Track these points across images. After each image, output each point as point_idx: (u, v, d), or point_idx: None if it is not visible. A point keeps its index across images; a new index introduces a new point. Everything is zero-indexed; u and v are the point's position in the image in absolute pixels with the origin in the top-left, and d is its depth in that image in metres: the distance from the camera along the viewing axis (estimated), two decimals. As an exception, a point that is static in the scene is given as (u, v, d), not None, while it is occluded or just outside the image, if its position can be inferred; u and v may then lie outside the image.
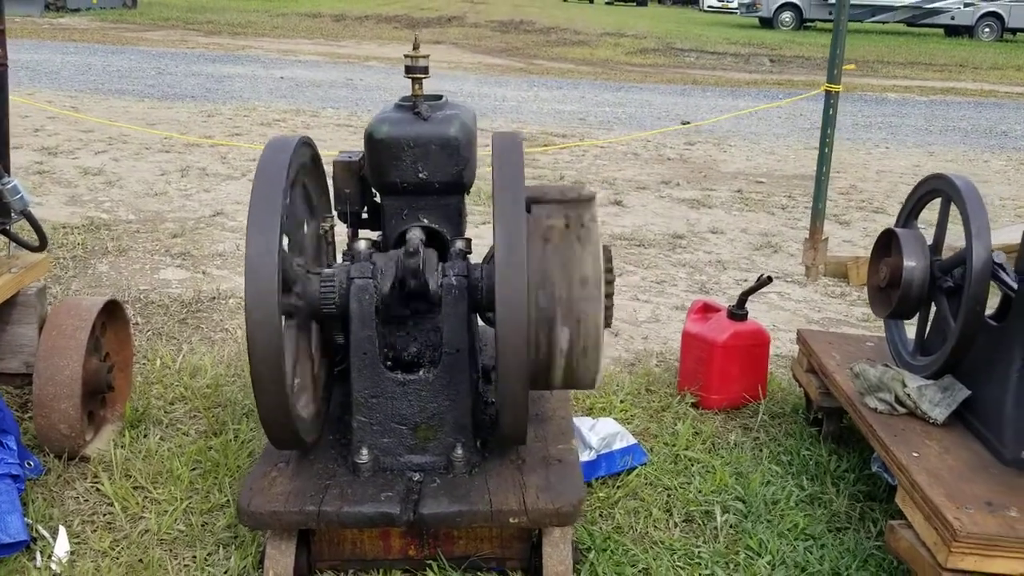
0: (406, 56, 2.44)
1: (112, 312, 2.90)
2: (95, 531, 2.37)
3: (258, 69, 12.41)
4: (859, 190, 7.32)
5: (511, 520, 2.02)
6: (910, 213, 2.83)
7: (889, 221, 6.08)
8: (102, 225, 5.26)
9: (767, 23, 28.37)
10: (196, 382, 3.22)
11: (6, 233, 2.69)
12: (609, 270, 2.12)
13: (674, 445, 2.95)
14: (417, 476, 2.14)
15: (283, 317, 1.95)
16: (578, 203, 2.06)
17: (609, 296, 2.15)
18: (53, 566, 2.21)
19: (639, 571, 2.30)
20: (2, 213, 2.59)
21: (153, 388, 3.18)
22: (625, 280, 4.80)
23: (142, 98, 9.45)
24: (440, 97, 2.58)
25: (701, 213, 6.30)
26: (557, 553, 2.12)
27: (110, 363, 2.85)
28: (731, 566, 2.34)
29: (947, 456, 2.34)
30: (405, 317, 2.24)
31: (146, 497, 2.53)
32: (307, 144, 2.23)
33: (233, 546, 2.31)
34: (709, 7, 40.72)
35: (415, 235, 2.21)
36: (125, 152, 7.04)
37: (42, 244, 2.71)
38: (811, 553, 2.38)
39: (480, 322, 2.42)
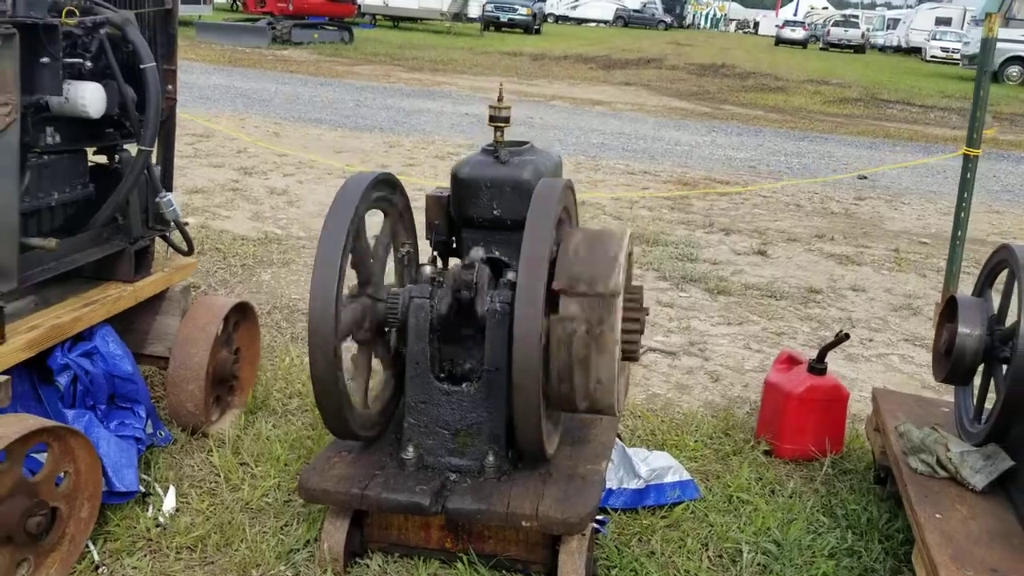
0: (490, 107, 2.78)
1: (244, 312, 3.40)
2: (199, 494, 2.83)
3: (447, 105, 13.26)
4: (1033, 258, 6.96)
5: (523, 523, 2.29)
6: (984, 282, 2.87)
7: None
8: (275, 239, 5.93)
9: (993, 77, 26.88)
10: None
11: (164, 238, 3.24)
12: (640, 307, 2.36)
13: (732, 486, 3.09)
14: (454, 476, 2.44)
15: (346, 336, 2.35)
16: (601, 299, 2.26)
17: (639, 331, 2.39)
18: (160, 518, 2.68)
19: (653, 588, 2.49)
20: (161, 222, 3.13)
21: (277, 383, 3.67)
22: (744, 329, 4.91)
23: (336, 127, 10.39)
24: (525, 143, 2.90)
25: (847, 270, 6.26)
26: (572, 562, 2.36)
27: (238, 356, 3.35)
28: (745, 601, 2.49)
29: (971, 521, 2.39)
30: (465, 337, 2.56)
31: (247, 472, 2.98)
32: (384, 182, 2.60)
33: (306, 521, 2.70)
34: (932, 57, 38.93)
35: (476, 253, 2.53)
36: (309, 176, 7.82)
37: (190, 250, 3.25)
38: (827, 600, 2.49)
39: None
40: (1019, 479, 2.50)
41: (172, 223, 3.12)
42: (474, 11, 34.72)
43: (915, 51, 44.07)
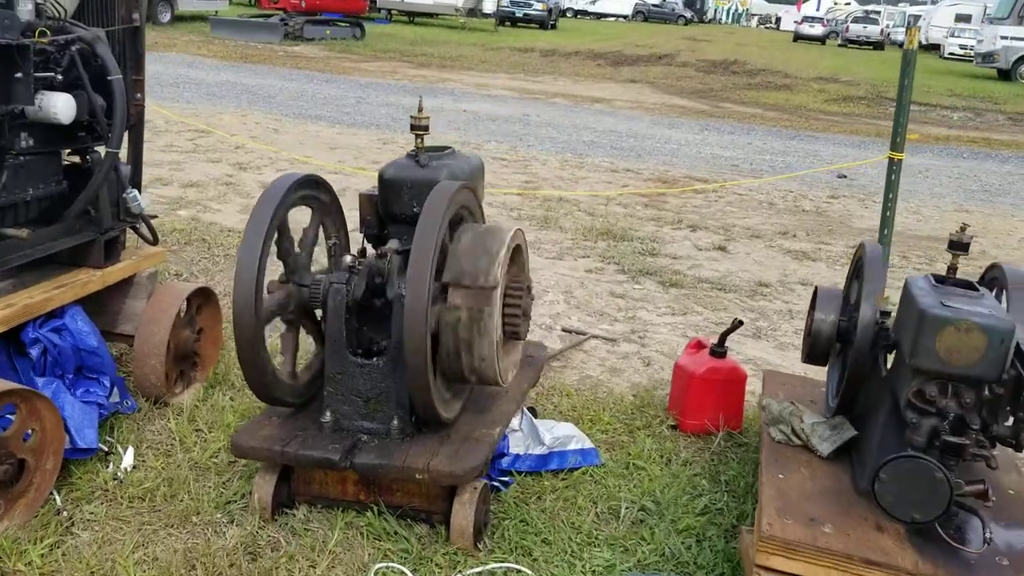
0: (412, 116, 3.16)
1: (207, 296, 3.80)
2: (155, 454, 3.24)
3: (447, 102, 13.64)
4: (988, 256, 7.26)
5: (417, 476, 2.68)
6: (852, 274, 3.22)
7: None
8: (259, 232, 6.33)
9: (1005, 75, 26.94)
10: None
11: (134, 229, 3.64)
12: (524, 293, 2.74)
13: (632, 455, 3.47)
14: (365, 437, 2.83)
15: (270, 319, 2.75)
16: (482, 291, 2.64)
17: (523, 315, 2.77)
18: (118, 473, 3.09)
19: (540, 540, 2.87)
20: (130, 215, 3.54)
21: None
22: (687, 319, 5.27)
23: (334, 124, 10.81)
24: (447, 148, 3.28)
25: (802, 265, 6.59)
26: (463, 511, 2.74)
27: (200, 335, 3.75)
28: (617, 548, 2.86)
29: (809, 482, 2.75)
30: (378, 317, 2.94)
31: (200, 436, 3.38)
32: (310, 182, 2.99)
33: (244, 478, 3.09)
34: (950, 54, 38.90)
35: (391, 245, 2.91)
36: (301, 171, 8.22)
37: (155, 240, 3.65)
38: (686, 546, 2.86)
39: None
40: (859, 447, 2.85)
41: (139, 216, 3.52)
42: (489, 6, 35.04)
43: (935, 48, 43.98)
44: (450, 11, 32.72)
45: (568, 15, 57.26)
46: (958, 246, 2.73)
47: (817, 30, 48.36)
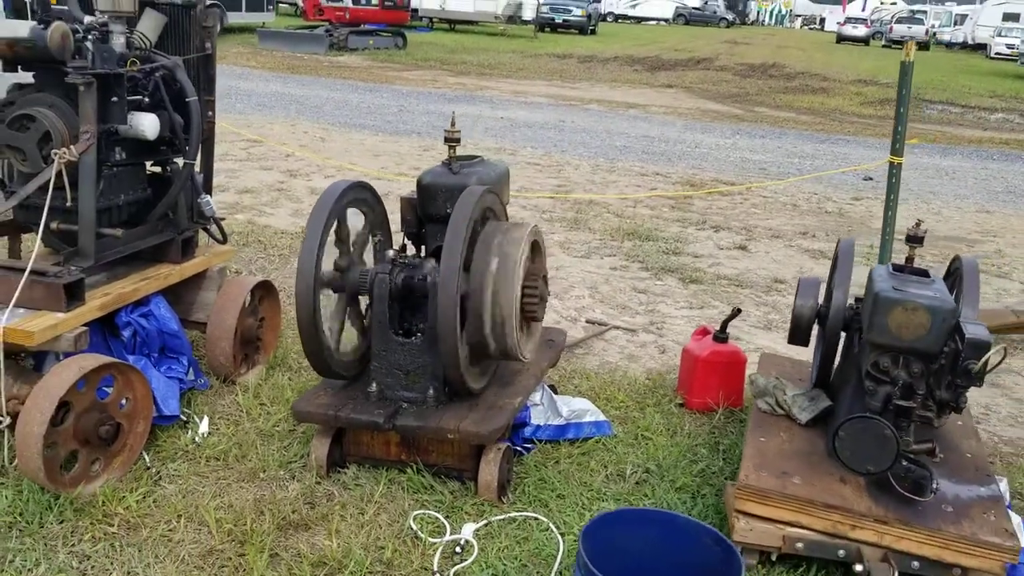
0: (445, 130, 3.67)
1: (268, 289, 4.34)
2: (226, 424, 3.77)
3: (485, 109, 14.17)
4: (1003, 255, 7.59)
5: (448, 435, 3.17)
6: (834, 265, 3.65)
7: (1010, 286, 6.50)
8: (309, 234, 6.90)
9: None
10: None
11: (206, 230, 4.19)
12: (540, 282, 3.23)
13: (641, 427, 3.93)
14: (405, 404, 3.33)
15: (330, 292, 3.25)
16: (506, 260, 3.15)
17: (539, 299, 3.26)
18: (196, 438, 3.62)
19: (555, 495, 3.34)
20: (202, 218, 4.08)
21: (295, 347, 4.58)
22: (704, 312, 5.70)
23: (377, 132, 11.38)
24: (476, 157, 3.78)
25: (818, 264, 6.98)
26: (489, 468, 3.23)
27: (262, 323, 4.29)
28: (622, 502, 3.33)
29: (787, 444, 3.19)
30: (418, 302, 3.44)
31: (264, 409, 3.91)
32: (359, 187, 3.50)
33: (303, 442, 3.61)
34: (997, 54, 38.63)
35: (432, 243, 3.42)
36: (348, 178, 8.79)
37: (224, 239, 4.20)
38: (682, 500, 3.31)
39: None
40: (833, 415, 3.29)
41: (210, 218, 4.07)
42: (528, 13, 35.58)
43: (981, 48, 43.60)
44: (490, 19, 33.30)
45: (608, 20, 57.64)
46: (914, 239, 3.16)
47: (860, 31, 48.20)
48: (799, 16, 78.89)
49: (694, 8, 61.79)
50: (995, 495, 2.96)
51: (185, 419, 3.73)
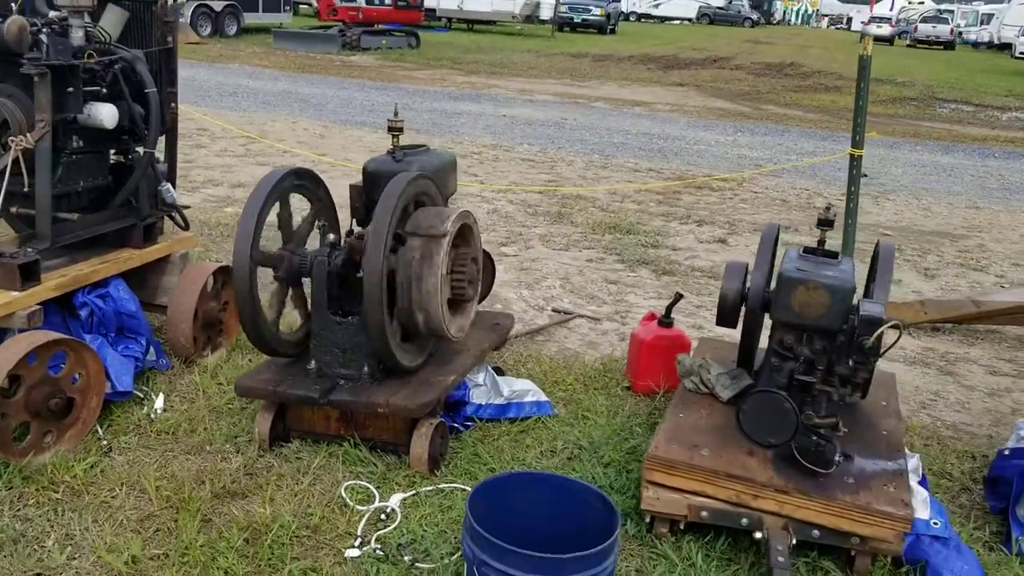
0: (389, 120, 3.83)
1: (229, 274, 4.51)
2: (181, 401, 3.95)
3: (488, 107, 14.34)
4: (984, 249, 7.63)
5: (379, 409, 3.32)
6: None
7: (984, 279, 6.57)
8: (295, 226, 7.08)
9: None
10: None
11: (171, 217, 4.38)
12: (467, 260, 3.38)
13: (584, 408, 4.06)
14: (342, 381, 3.49)
15: (269, 273, 3.42)
16: (432, 239, 3.29)
17: (468, 280, 3.41)
18: (151, 414, 3.80)
19: (487, 468, 3.49)
20: (164, 205, 4.27)
21: (260, 332, 4.77)
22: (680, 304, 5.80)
23: (377, 129, 11.56)
24: (422, 146, 3.94)
25: (796, 256, 7.05)
26: (420, 442, 3.38)
27: (225, 307, 4.46)
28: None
29: (704, 419, 3.32)
30: (355, 284, 3.59)
31: (221, 388, 4.08)
32: (300, 173, 3.66)
33: (251, 418, 3.78)
34: (1021, 53, 38.28)
35: (368, 229, 3.57)
36: (336, 175, 8.98)
37: (186, 226, 4.38)
38: (606, 475, 3.45)
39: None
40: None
41: (172, 206, 4.25)
42: (546, 13, 35.75)
43: (1006, 47, 43.18)
44: (507, 18, 33.52)
45: (631, 19, 57.67)
46: (824, 223, 3.27)
47: (884, 30, 47.88)
48: (825, 15, 78.42)
49: (718, 8, 61.67)
50: (899, 469, 3.07)
51: (142, 396, 3.91)
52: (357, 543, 3.00)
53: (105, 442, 3.56)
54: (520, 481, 2.59)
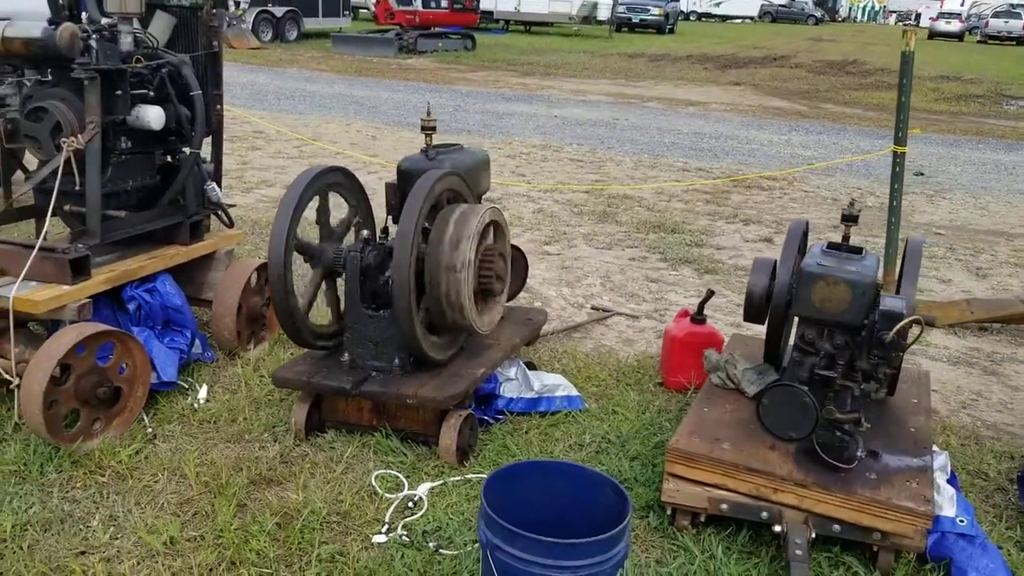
0: (421, 119, 3.93)
1: (274, 271, 4.66)
2: (224, 392, 4.10)
3: (541, 108, 14.41)
4: (1042, 249, 7.46)
5: (408, 400, 3.42)
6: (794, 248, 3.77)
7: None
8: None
9: None
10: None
11: (216, 215, 4.54)
12: (495, 255, 3.46)
13: (615, 403, 4.11)
14: (374, 373, 3.60)
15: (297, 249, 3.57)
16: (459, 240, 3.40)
17: (495, 276, 3.49)
18: (195, 404, 3.96)
19: (513, 460, 3.56)
20: (210, 204, 4.43)
21: (303, 327, 4.91)
22: (712, 301, 5.80)
23: (429, 131, 11.71)
24: (456, 145, 4.03)
25: (844, 255, 6.99)
26: (449, 433, 3.47)
27: (268, 302, 4.61)
28: (575, 468, 3.52)
29: (729, 413, 3.35)
30: (388, 279, 3.70)
31: (262, 380, 4.22)
32: (336, 171, 3.78)
33: (288, 408, 3.91)
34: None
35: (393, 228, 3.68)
36: (385, 174, 9.15)
37: (231, 224, 4.55)
38: (632, 468, 3.50)
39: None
40: (779, 388, 3.42)
41: (217, 204, 4.42)
42: (604, 13, 35.69)
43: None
44: (564, 19, 33.53)
45: (691, 19, 57.25)
46: (849, 219, 3.27)
47: (953, 26, 46.80)
48: (892, 12, 76.80)
49: (780, 5, 60.85)
50: (924, 466, 3.06)
51: (186, 386, 4.08)
52: (384, 529, 3.10)
53: (150, 430, 3.73)
54: (536, 469, 2.66)
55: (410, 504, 3.25)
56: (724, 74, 22.30)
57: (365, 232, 3.75)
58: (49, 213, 3.73)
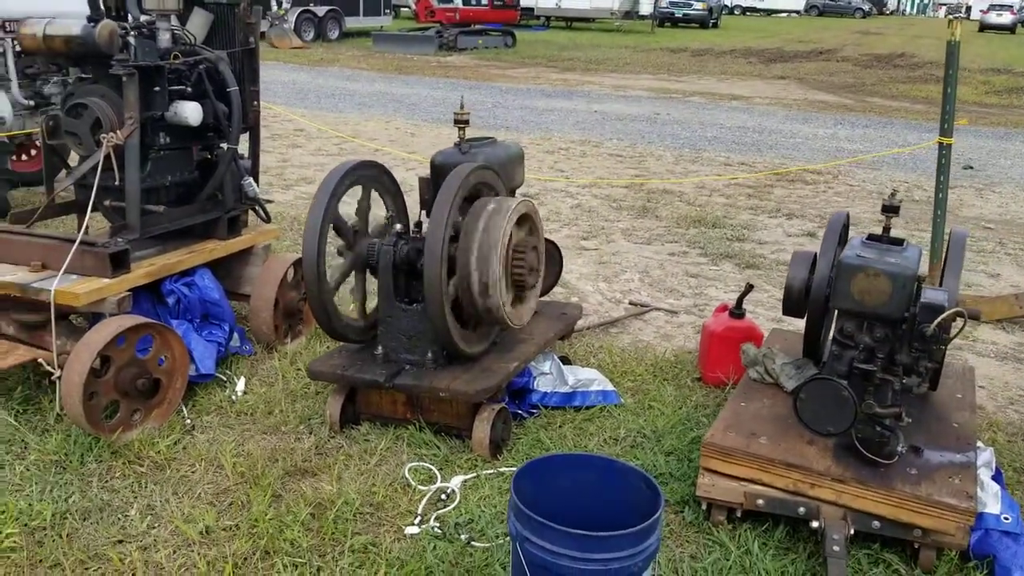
0: (455, 113, 3.93)
1: (311, 266, 4.70)
2: (261, 384, 4.14)
3: (580, 103, 14.37)
4: (1097, 242, 7.27)
5: (440, 394, 3.43)
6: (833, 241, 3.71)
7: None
8: (381, 222, 7.30)
9: None
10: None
11: (253, 210, 4.59)
12: (528, 248, 3.46)
13: (651, 398, 4.08)
14: (407, 366, 3.61)
15: (342, 260, 3.58)
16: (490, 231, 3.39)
17: (531, 270, 3.48)
18: (232, 396, 4.01)
19: (544, 450, 3.55)
20: (248, 199, 4.48)
21: (340, 321, 4.95)
22: (753, 296, 5.74)
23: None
24: (489, 138, 4.03)
25: (889, 250, 6.87)
26: (482, 426, 3.47)
27: (304, 297, 4.66)
28: (610, 463, 3.50)
29: (766, 409, 3.31)
30: (422, 272, 3.71)
31: (299, 374, 4.26)
32: (370, 165, 3.80)
33: (324, 400, 3.94)
34: None
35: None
36: (423, 171, 9.17)
37: (268, 219, 4.59)
38: (667, 462, 3.47)
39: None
40: (818, 383, 3.37)
41: (254, 199, 4.46)
42: (646, 8, 35.49)
43: None
44: (606, 15, 33.41)
45: (736, 12, 56.68)
46: (889, 209, 3.20)
47: (1005, 18, 45.79)
48: (942, 4, 75.24)
49: (827, -1, 59.99)
50: (967, 462, 3.00)
51: (225, 379, 4.13)
52: (417, 521, 3.11)
53: (188, 421, 3.78)
54: (567, 462, 2.64)
55: (443, 496, 3.26)
56: (769, 68, 22.06)
57: (398, 226, 3.76)
58: (89, 208, 3.79)
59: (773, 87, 18.22)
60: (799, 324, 4.67)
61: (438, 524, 3.09)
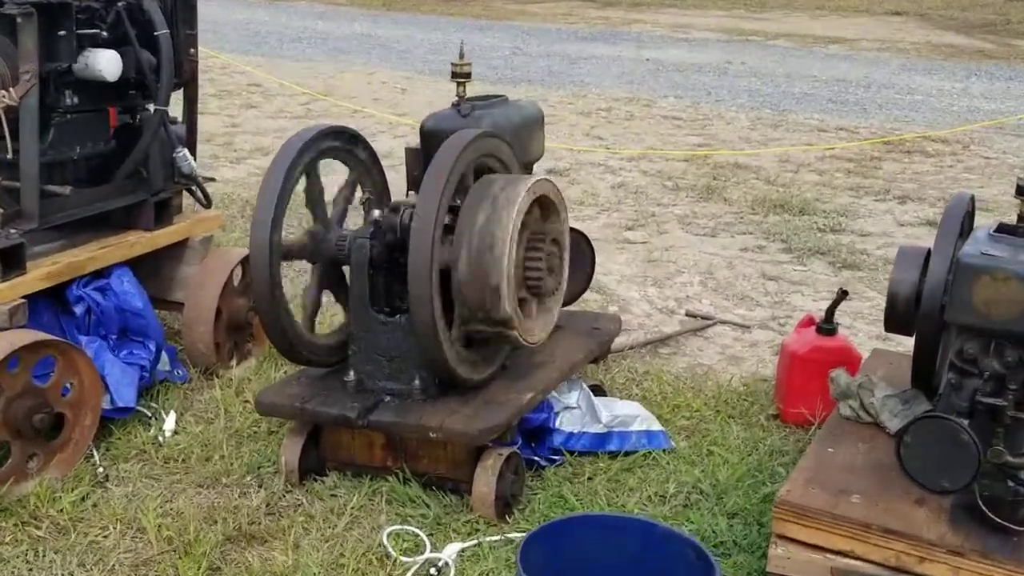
0: (452, 64, 3.98)
1: (264, 265, 4.76)
2: (197, 421, 4.20)
3: (626, 49, 14.44)
4: None
5: (430, 434, 3.46)
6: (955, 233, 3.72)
7: None
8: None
9: None
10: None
11: (189, 191, 4.66)
12: (545, 242, 3.49)
13: (712, 441, 4.10)
14: (387, 397, 3.65)
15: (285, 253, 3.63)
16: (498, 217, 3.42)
17: (545, 268, 3.52)
18: (159, 437, 4.07)
19: (568, 510, 3.58)
20: (183, 177, 4.54)
21: (302, 338, 5.01)
22: (850, 306, 5.72)
23: (476, 80, 11.80)
24: (498, 96, 4.07)
25: None
26: (485, 477, 3.51)
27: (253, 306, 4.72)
28: (654, 527, 3.53)
29: (860, 456, 3.32)
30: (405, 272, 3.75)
31: (246, 407, 4.31)
32: (335, 134, 3.83)
33: (279, 444, 3.99)
34: None
35: (410, 199, 3.72)
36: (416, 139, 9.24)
37: (207, 203, 4.65)
38: (731, 527, 3.49)
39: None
40: (931, 422, 3.38)
41: (191, 178, 4.52)
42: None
43: None
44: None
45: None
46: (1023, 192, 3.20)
47: None
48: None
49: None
50: None
51: (149, 414, 4.19)
52: (398, 604, 3.15)
53: (101, 469, 3.84)
54: (593, 524, 2.67)
55: (433, 571, 3.29)
56: (880, 1, 22.04)
57: (376, 212, 3.80)
58: (-27, 189, 3.86)
59: (886, 26, 18.21)
60: (907, 344, 4.67)
61: (426, 607, 3.14)
